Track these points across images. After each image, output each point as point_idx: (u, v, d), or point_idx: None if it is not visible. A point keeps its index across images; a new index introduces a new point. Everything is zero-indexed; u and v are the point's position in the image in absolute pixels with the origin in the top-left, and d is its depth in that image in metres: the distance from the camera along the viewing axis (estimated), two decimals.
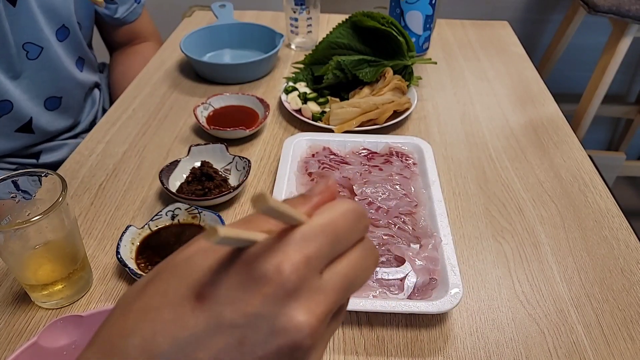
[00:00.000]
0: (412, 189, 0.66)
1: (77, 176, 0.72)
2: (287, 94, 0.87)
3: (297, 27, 1.04)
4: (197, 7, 1.27)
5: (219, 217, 0.59)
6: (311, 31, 1.05)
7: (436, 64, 0.98)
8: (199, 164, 0.69)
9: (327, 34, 0.92)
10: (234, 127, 0.76)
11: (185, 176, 0.69)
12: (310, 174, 0.68)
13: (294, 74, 0.93)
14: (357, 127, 0.79)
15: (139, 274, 0.53)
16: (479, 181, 0.72)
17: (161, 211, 0.61)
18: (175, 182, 0.68)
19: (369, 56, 0.88)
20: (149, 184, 0.70)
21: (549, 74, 1.91)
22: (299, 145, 0.73)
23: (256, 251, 0.22)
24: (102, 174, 0.72)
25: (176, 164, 0.69)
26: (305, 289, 0.22)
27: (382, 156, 0.71)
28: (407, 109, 0.83)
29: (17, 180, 0.49)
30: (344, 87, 0.87)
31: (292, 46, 1.08)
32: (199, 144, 0.72)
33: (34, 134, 0.85)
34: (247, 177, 0.67)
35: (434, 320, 0.52)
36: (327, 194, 0.26)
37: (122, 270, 0.57)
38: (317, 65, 0.92)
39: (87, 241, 0.61)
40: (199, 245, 0.23)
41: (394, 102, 0.81)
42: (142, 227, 0.59)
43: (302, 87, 0.89)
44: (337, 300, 0.24)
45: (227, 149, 0.72)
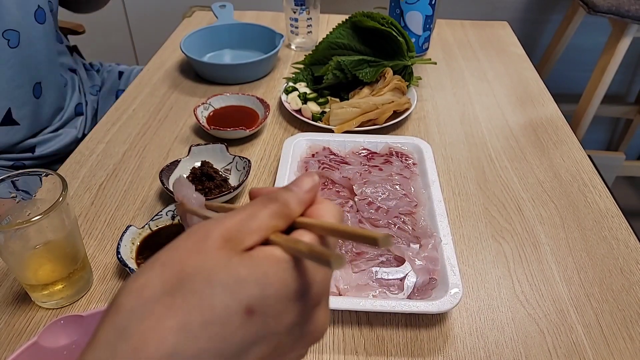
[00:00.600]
0: (412, 189, 0.66)
1: (77, 176, 0.72)
2: (287, 94, 0.87)
3: (297, 27, 1.04)
4: (197, 8, 1.27)
5: None
6: (311, 31, 1.05)
7: (436, 64, 0.98)
8: (199, 164, 0.69)
9: (327, 34, 0.92)
10: (234, 127, 0.76)
11: (185, 176, 0.69)
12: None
13: (294, 74, 0.94)
14: (357, 127, 0.79)
15: None
16: (479, 181, 0.72)
17: (161, 211, 0.61)
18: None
19: (368, 56, 0.88)
20: (149, 184, 0.70)
21: (548, 74, 1.91)
22: (299, 145, 0.73)
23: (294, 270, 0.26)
24: (102, 173, 0.72)
25: (176, 164, 0.70)
26: (325, 296, 0.28)
27: (382, 156, 0.71)
28: (407, 109, 0.83)
29: (17, 180, 0.49)
30: (344, 87, 0.88)
31: (292, 46, 1.08)
32: (199, 144, 0.72)
33: (19, 125, 0.83)
34: (247, 177, 0.67)
35: (434, 320, 0.53)
36: (314, 192, 0.30)
37: (122, 270, 0.57)
38: (317, 65, 0.92)
39: (87, 241, 0.61)
40: (242, 260, 0.25)
41: (393, 102, 0.81)
42: (142, 227, 0.59)
43: (302, 87, 0.89)
44: None
45: (227, 149, 0.72)
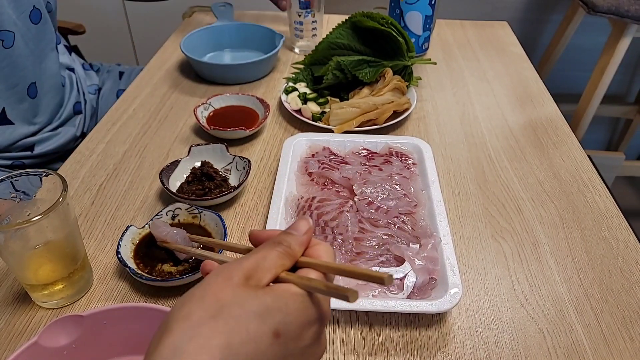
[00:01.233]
0: (412, 189, 0.66)
1: (77, 176, 0.72)
2: (287, 95, 0.87)
3: (301, 30, 1.04)
4: (198, 8, 1.27)
5: (220, 217, 0.59)
6: (316, 34, 1.05)
7: (436, 64, 0.98)
8: (199, 164, 0.69)
9: (327, 35, 0.92)
10: (234, 127, 0.76)
11: (185, 176, 0.69)
12: (310, 174, 0.68)
13: (293, 74, 0.94)
14: (357, 127, 0.79)
15: (139, 274, 0.53)
16: (479, 181, 0.72)
17: (161, 211, 0.61)
18: (175, 182, 0.68)
19: (368, 56, 0.88)
20: (149, 184, 0.70)
21: (548, 74, 1.91)
22: (299, 145, 0.73)
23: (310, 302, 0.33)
24: (102, 173, 0.72)
25: (176, 164, 0.70)
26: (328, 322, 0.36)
27: (382, 156, 0.71)
28: (407, 109, 0.83)
29: (16, 180, 0.49)
30: (344, 87, 0.88)
31: (296, 50, 1.07)
32: (199, 144, 0.72)
33: (13, 124, 0.82)
34: (247, 177, 0.67)
35: (434, 319, 0.53)
36: (310, 233, 0.37)
37: (122, 270, 0.57)
38: (316, 65, 0.92)
39: (87, 241, 0.61)
40: (277, 292, 0.32)
41: (393, 102, 0.81)
42: (142, 227, 0.59)
43: (302, 87, 0.89)
44: None
45: (228, 149, 0.72)
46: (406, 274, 0.54)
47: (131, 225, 0.58)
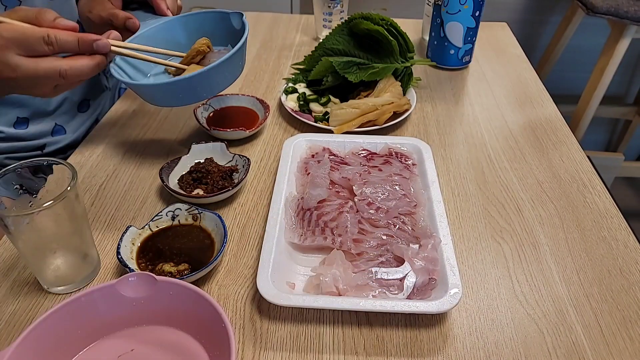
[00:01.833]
0: (412, 190, 0.66)
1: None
2: (286, 95, 0.87)
3: (330, 20, 1.08)
4: (198, 8, 1.27)
5: (219, 217, 0.59)
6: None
7: (435, 64, 0.98)
8: (201, 161, 0.70)
9: (322, 40, 0.90)
10: (234, 128, 0.76)
11: (185, 173, 0.69)
12: (310, 175, 0.68)
13: (293, 74, 0.94)
14: (357, 128, 0.79)
15: None
16: (478, 182, 0.72)
17: (161, 211, 0.61)
18: (175, 180, 0.69)
19: (359, 59, 0.87)
20: (149, 184, 0.70)
21: (547, 75, 1.91)
22: (299, 146, 0.73)
23: None
24: (102, 174, 0.72)
25: (177, 161, 0.70)
26: None
27: (382, 157, 0.71)
28: (407, 110, 0.83)
29: (22, 181, 0.51)
30: (344, 88, 0.87)
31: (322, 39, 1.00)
32: (199, 142, 0.72)
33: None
34: (246, 175, 0.67)
35: (434, 320, 0.53)
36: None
37: (122, 270, 0.57)
38: (311, 71, 0.91)
39: None
40: None
41: (393, 103, 0.81)
42: (142, 228, 0.59)
43: (302, 87, 0.89)
44: None
45: (227, 148, 0.72)
46: (406, 275, 0.55)
47: (131, 225, 0.58)
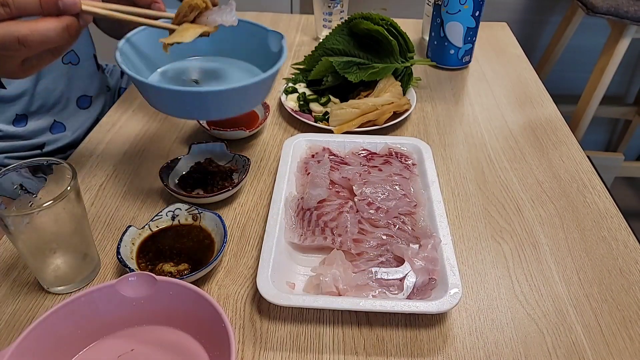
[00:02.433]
0: (412, 190, 0.66)
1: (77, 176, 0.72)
2: (286, 95, 0.87)
3: (330, 20, 1.07)
4: None
5: (219, 217, 0.59)
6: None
7: (435, 64, 0.98)
8: (202, 161, 0.70)
9: (322, 40, 0.91)
10: (234, 128, 0.76)
11: (184, 173, 0.69)
12: (310, 175, 0.68)
13: (293, 74, 0.93)
14: (357, 128, 0.79)
15: None
16: (478, 182, 0.72)
17: (161, 211, 0.61)
18: (175, 180, 0.69)
19: (359, 59, 0.87)
20: (149, 184, 0.70)
21: (547, 75, 1.91)
22: (299, 146, 0.73)
23: None
24: (102, 174, 0.72)
25: (176, 161, 0.70)
26: None
27: (382, 157, 0.71)
28: (407, 110, 0.83)
29: (23, 180, 0.50)
30: (344, 88, 0.87)
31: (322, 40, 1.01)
32: (199, 142, 0.72)
33: (4, 88, 0.77)
34: (246, 175, 0.67)
35: (434, 320, 0.53)
36: None
37: (122, 270, 0.57)
38: (311, 71, 0.91)
39: None
40: None
41: (393, 103, 0.81)
42: (142, 228, 0.59)
43: (302, 87, 0.89)
44: None
45: (227, 147, 0.72)
46: (406, 275, 0.55)
47: (131, 225, 0.58)
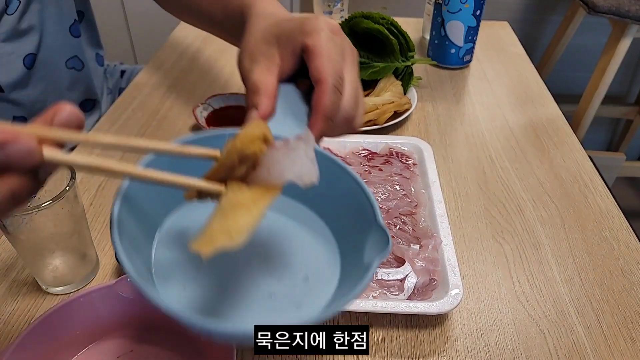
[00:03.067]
0: (412, 190, 0.65)
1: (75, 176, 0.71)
2: None
3: None
4: None
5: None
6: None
7: (436, 64, 0.98)
8: None
9: None
10: (233, 127, 0.76)
11: None
12: None
13: None
14: None
15: None
16: (479, 182, 0.72)
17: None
18: None
19: (359, 58, 0.86)
20: None
21: (548, 75, 1.91)
22: None
23: None
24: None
25: None
26: None
27: (382, 157, 0.71)
28: (407, 110, 0.83)
29: None
30: None
31: None
32: None
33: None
34: None
35: (434, 321, 0.52)
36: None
37: (121, 271, 0.57)
38: None
39: None
40: None
41: (393, 102, 0.81)
42: None
43: None
44: None
45: None
46: (407, 275, 0.54)
47: None
